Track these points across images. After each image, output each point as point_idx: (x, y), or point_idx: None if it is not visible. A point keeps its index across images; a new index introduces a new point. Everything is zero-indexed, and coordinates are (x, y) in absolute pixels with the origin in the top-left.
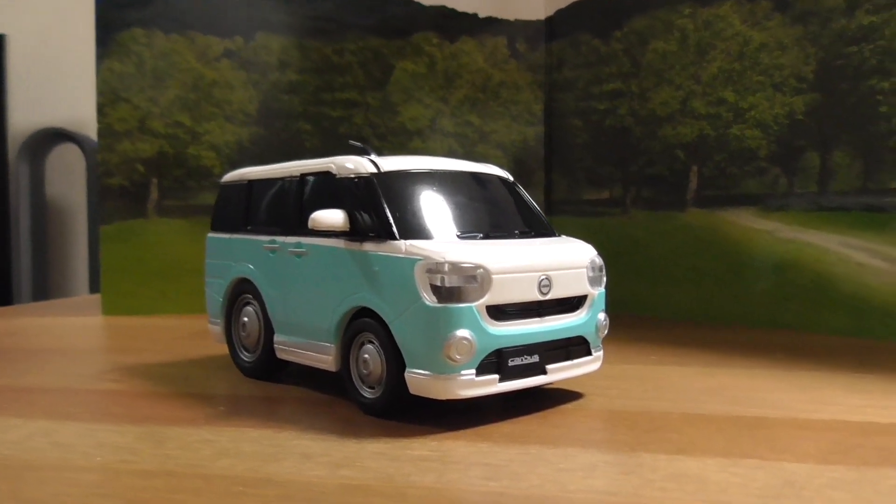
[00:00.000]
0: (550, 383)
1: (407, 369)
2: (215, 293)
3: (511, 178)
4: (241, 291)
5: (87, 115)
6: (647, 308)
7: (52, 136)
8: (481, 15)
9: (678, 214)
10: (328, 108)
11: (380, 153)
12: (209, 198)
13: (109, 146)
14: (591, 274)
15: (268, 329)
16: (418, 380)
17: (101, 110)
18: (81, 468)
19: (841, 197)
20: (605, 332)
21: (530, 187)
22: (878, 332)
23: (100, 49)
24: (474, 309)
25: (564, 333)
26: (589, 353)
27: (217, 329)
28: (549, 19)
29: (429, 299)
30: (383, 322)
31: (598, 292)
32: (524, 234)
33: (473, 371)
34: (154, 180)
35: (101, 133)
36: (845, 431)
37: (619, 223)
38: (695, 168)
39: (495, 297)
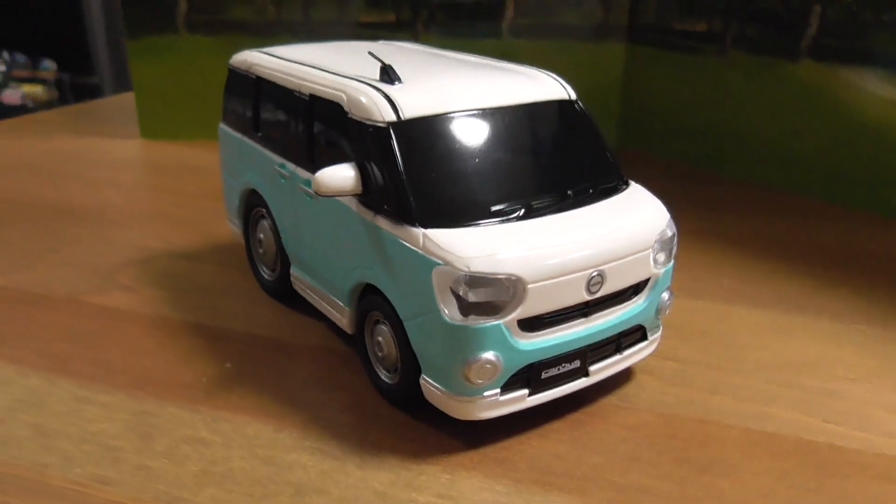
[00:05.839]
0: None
1: (422, 375)
2: (231, 193)
3: (573, 97)
4: (255, 203)
5: None
6: (728, 169)
7: None
8: None
9: (787, 65)
10: None
11: None
12: (242, 12)
13: None
14: (657, 255)
15: (284, 254)
16: (433, 392)
17: None
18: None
19: None
20: (668, 311)
21: (608, 6)
22: None
23: None
24: (502, 327)
25: (617, 329)
26: (644, 339)
27: (236, 230)
28: None
29: (447, 314)
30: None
31: (663, 270)
32: (579, 197)
33: (497, 391)
34: None
35: None
36: None
37: (713, 64)
38: (817, 7)
39: (529, 308)
